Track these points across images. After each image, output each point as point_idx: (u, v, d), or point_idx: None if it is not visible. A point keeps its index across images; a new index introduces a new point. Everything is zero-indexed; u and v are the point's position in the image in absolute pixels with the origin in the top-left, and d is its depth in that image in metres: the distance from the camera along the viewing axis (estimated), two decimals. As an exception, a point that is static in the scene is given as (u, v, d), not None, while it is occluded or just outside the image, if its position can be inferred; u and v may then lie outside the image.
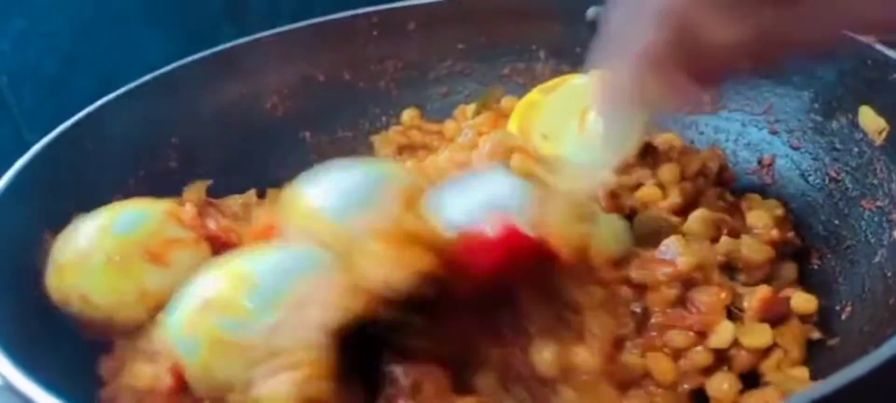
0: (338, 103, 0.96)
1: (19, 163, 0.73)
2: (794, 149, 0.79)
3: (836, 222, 0.72)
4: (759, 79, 0.83)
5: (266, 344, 0.54)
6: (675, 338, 0.61)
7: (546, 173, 0.71)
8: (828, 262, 0.71)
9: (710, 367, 0.61)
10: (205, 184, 0.84)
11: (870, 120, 0.71)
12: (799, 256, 0.73)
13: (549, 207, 0.60)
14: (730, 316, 0.62)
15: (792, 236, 0.72)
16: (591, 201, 0.69)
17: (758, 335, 0.62)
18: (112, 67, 0.97)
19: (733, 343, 0.61)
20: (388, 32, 0.97)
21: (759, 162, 0.82)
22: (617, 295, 0.62)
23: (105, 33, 1.13)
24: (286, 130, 0.94)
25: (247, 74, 0.92)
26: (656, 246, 0.66)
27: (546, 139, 0.79)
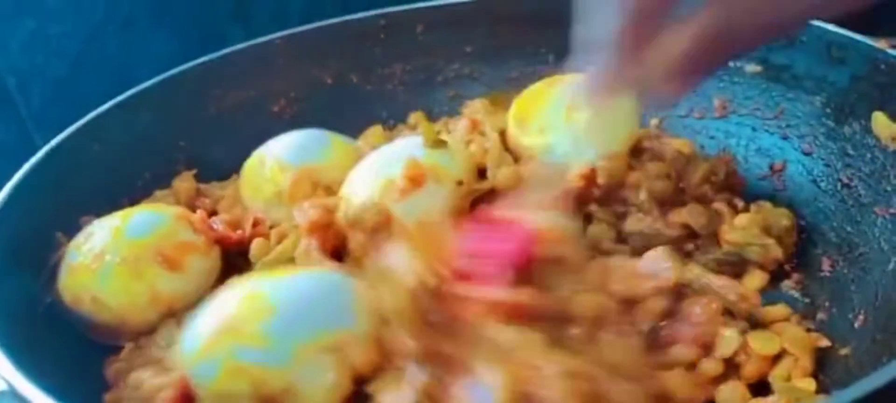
0: (345, 106, 0.95)
1: (28, 166, 0.74)
2: (806, 154, 0.79)
3: (848, 229, 0.71)
4: (771, 83, 0.82)
5: (284, 379, 0.54)
6: (682, 353, 0.60)
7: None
8: (840, 270, 0.70)
9: (720, 377, 0.60)
10: (191, 173, 0.85)
11: (883, 125, 0.70)
12: (811, 263, 0.72)
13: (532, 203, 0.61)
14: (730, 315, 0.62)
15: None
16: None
17: (765, 342, 0.61)
18: (120, 69, 0.97)
19: (741, 349, 0.61)
20: (396, 35, 0.97)
21: (771, 167, 0.82)
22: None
23: (113, 35, 1.13)
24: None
25: (254, 77, 0.92)
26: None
27: (542, 132, 0.79)
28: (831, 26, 0.75)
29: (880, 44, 0.71)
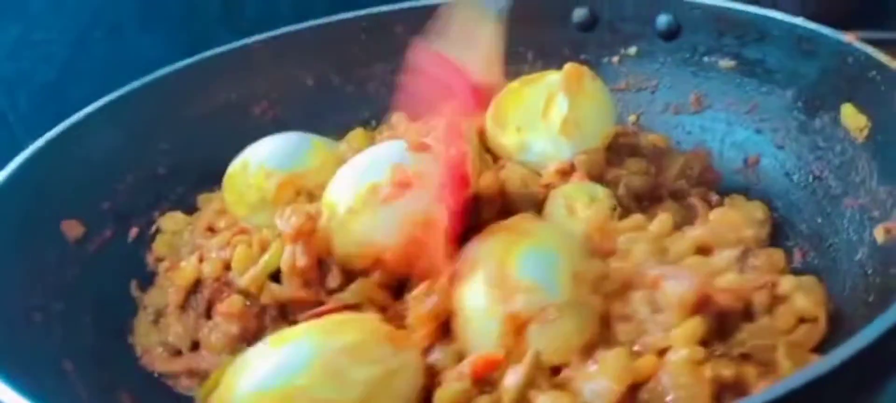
0: (327, 107, 0.96)
1: (9, 168, 0.74)
2: (779, 148, 0.80)
3: (819, 220, 0.72)
4: (745, 77, 0.83)
5: None
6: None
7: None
8: (811, 261, 0.71)
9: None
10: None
11: (851, 117, 0.71)
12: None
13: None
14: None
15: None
16: None
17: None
18: (108, 74, 0.97)
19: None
20: (377, 36, 0.97)
21: (745, 161, 0.82)
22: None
23: (101, 40, 1.14)
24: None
25: (235, 79, 0.93)
26: None
27: (519, 130, 0.80)
28: (801, 20, 0.76)
29: (848, 37, 0.72)
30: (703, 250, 0.67)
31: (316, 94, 0.97)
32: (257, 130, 0.93)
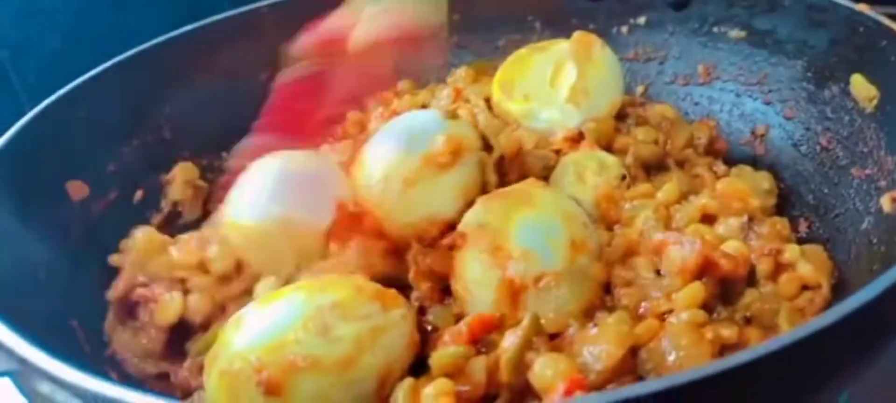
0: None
1: (13, 130, 0.74)
2: (788, 119, 0.79)
3: (825, 190, 0.72)
4: (754, 48, 0.83)
5: None
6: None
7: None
8: (816, 230, 0.71)
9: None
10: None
11: (861, 87, 0.70)
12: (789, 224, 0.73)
13: None
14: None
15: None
16: None
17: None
18: (113, 42, 0.97)
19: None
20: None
21: (753, 132, 0.82)
22: None
23: (106, 9, 1.13)
24: (281, 101, 0.94)
25: (241, 46, 0.92)
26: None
27: (527, 98, 0.80)
28: (812, -11, 0.76)
29: (859, 7, 0.72)
30: (709, 218, 0.67)
31: (322, 62, 0.96)
32: (262, 96, 0.93)
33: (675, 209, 0.68)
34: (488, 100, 0.84)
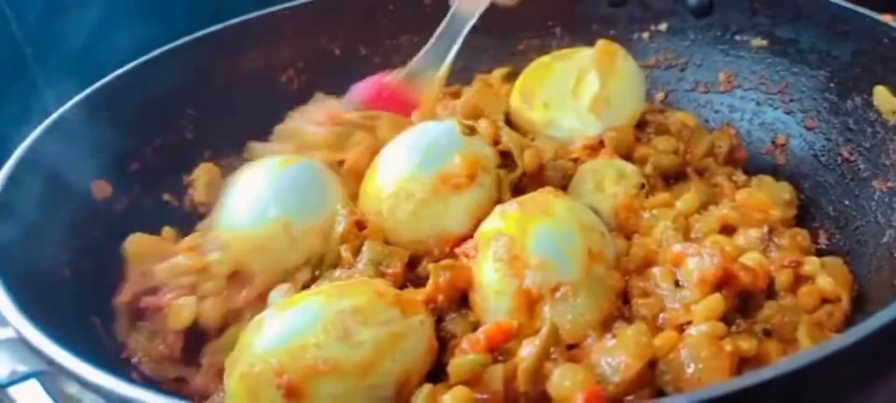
0: (353, 77, 0.96)
1: (39, 130, 0.75)
2: (809, 129, 0.79)
3: (846, 202, 0.72)
4: (776, 57, 0.82)
5: None
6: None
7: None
8: (836, 242, 0.71)
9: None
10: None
11: (884, 99, 0.70)
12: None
13: None
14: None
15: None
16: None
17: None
18: (137, 40, 0.98)
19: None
20: (405, 7, 0.97)
21: (773, 142, 0.82)
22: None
23: (130, 6, 1.14)
24: (301, 103, 0.94)
25: (263, 47, 0.93)
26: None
27: (547, 106, 0.80)
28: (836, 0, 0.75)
29: (884, 18, 0.71)
30: (728, 229, 0.67)
31: (343, 64, 0.97)
32: (284, 98, 0.93)
33: (694, 219, 0.68)
34: (506, 115, 0.84)
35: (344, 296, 0.58)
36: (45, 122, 0.76)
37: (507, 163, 0.71)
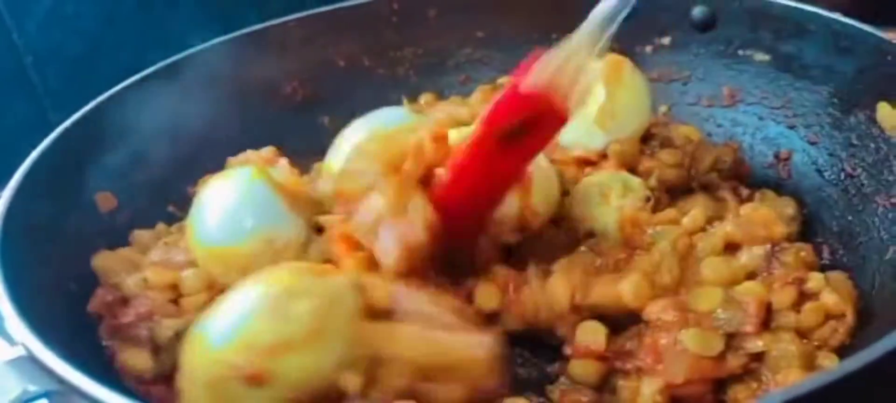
0: (357, 89, 0.96)
1: (45, 143, 0.75)
2: (812, 143, 0.79)
3: (849, 218, 0.72)
4: (779, 72, 0.83)
5: None
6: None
7: None
8: (839, 258, 0.71)
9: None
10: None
11: (888, 115, 0.71)
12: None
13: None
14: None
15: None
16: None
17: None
18: (137, 50, 0.98)
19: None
20: (408, 19, 0.97)
21: (776, 156, 0.82)
22: None
23: (130, 16, 1.14)
24: (305, 115, 0.95)
25: (267, 59, 0.93)
26: None
27: None
28: (838, 16, 0.76)
29: (888, 35, 0.72)
30: (733, 246, 0.67)
31: (346, 76, 0.97)
32: (288, 109, 0.94)
33: (697, 237, 0.68)
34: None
35: (269, 283, 0.59)
36: (49, 136, 0.76)
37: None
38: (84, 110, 0.80)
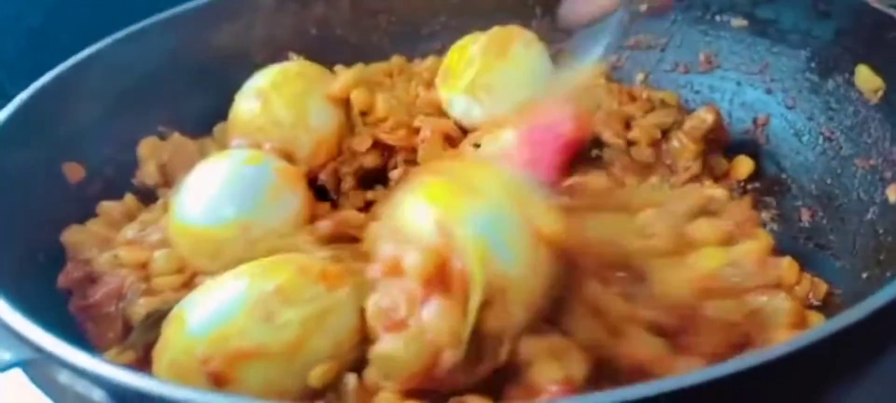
0: (330, 58, 0.94)
1: (3, 115, 0.72)
2: (790, 108, 0.79)
3: (828, 181, 0.73)
4: (756, 37, 0.83)
5: None
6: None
7: None
8: (819, 220, 0.72)
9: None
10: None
11: (866, 78, 0.71)
12: (791, 214, 0.74)
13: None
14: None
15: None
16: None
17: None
18: (96, 20, 0.94)
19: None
20: (381, -13, 0.96)
21: (754, 121, 0.82)
22: None
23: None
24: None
25: (237, 26, 0.90)
26: None
27: (442, 86, 0.82)
28: (817, -21, 0.76)
29: (865, -2, 0.72)
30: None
31: (318, 43, 0.95)
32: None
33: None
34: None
35: (267, 276, 0.57)
36: (12, 104, 0.73)
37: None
38: (46, 79, 0.77)
